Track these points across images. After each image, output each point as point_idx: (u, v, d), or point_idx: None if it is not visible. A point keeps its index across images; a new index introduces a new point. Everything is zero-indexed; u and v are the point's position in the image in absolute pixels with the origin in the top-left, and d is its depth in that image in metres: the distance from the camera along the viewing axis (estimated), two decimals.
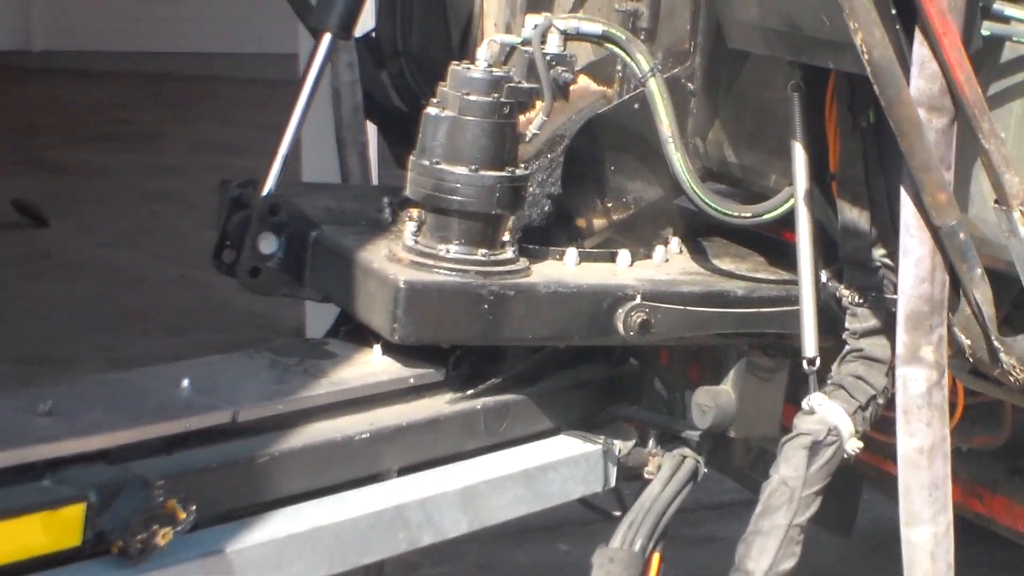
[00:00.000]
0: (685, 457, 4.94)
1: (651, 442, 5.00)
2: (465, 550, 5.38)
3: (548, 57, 4.79)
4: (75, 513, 3.81)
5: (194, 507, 3.91)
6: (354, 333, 4.93)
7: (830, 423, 4.51)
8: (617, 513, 4.98)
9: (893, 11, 3.81)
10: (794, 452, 4.52)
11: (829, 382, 4.61)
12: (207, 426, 4.28)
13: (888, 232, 4.26)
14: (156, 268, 11.39)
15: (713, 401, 4.91)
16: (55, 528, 3.79)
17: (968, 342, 4.19)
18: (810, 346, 4.60)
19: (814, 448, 4.50)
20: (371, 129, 5.99)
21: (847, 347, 4.63)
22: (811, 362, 4.61)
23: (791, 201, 4.62)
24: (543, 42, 4.80)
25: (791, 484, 4.48)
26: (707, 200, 4.74)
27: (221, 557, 4.07)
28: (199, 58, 19.44)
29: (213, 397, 4.39)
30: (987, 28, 3.96)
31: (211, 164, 13.28)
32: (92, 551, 3.86)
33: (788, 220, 4.66)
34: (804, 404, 4.60)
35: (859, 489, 5.10)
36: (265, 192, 4.91)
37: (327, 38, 5.05)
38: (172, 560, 3.94)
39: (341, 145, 5.81)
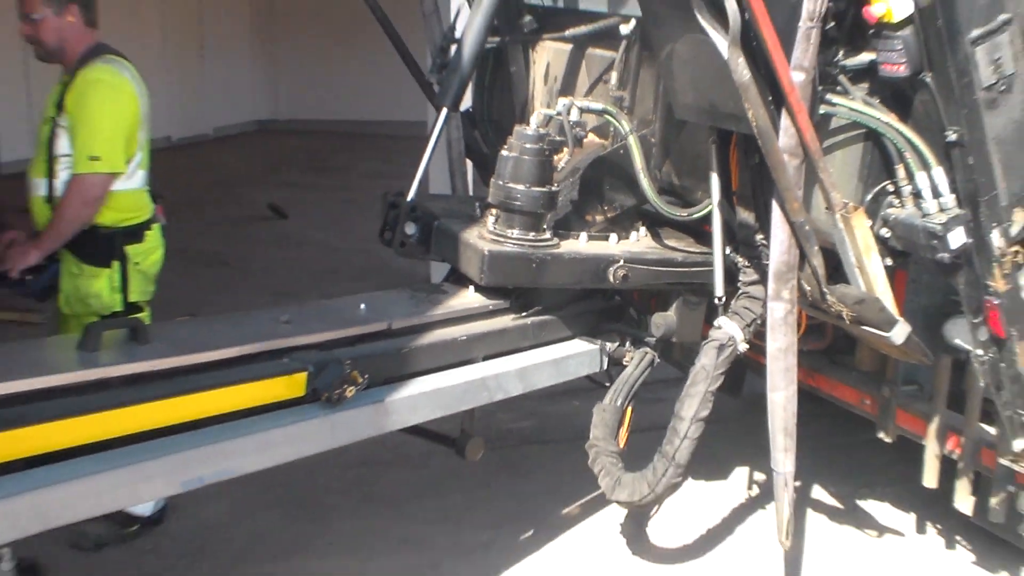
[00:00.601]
0: (647, 352, 4.94)
1: (627, 344, 5.01)
2: (519, 403, 5.36)
3: (571, 123, 4.85)
4: (301, 377, 3.87)
5: (367, 376, 3.99)
6: (458, 280, 4.96)
7: (730, 333, 4.56)
8: (607, 384, 4.99)
9: (770, 97, 3.85)
10: (709, 350, 4.57)
11: (729, 311, 4.65)
12: (374, 330, 4.36)
13: (765, 225, 4.27)
14: (345, 243, 11.36)
15: (664, 320, 4.93)
16: (290, 386, 3.86)
17: (808, 288, 4.25)
18: (719, 289, 4.66)
19: (720, 348, 4.55)
20: (468, 164, 6.01)
21: (740, 291, 4.67)
22: (719, 299, 4.67)
23: (709, 207, 4.66)
24: (568, 114, 4.86)
25: (707, 368, 4.52)
26: (661, 206, 4.79)
27: (381, 404, 4.10)
28: (371, 123, 19.34)
29: (378, 314, 4.45)
30: (823, 108, 4.02)
31: (376, 184, 13.19)
32: (311, 400, 3.90)
33: (707, 218, 4.71)
34: (715, 323, 4.65)
35: (744, 371, 5.12)
36: (409, 198, 4.94)
37: (444, 111, 5.07)
38: (354, 405, 3.98)
39: (452, 173, 5.85)
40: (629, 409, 4.86)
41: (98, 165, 4.84)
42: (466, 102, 5.56)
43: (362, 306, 4.51)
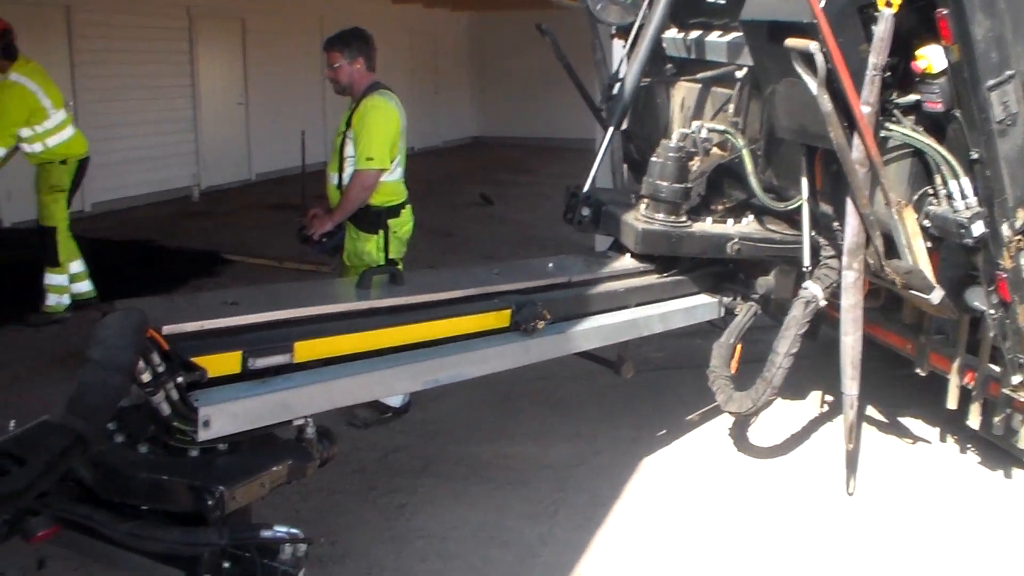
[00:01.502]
0: (752, 306, 4.92)
1: (738, 299, 5.00)
2: (658, 339, 5.39)
3: (701, 139, 4.89)
4: (506, 313, 3.98)
5: (553, 313, 4.08)
6: (619, 249, 5.01)
7: (814, 293, 4.56)
8: (722, 327, 5.01)
9: (846, 123, 3.90)
10: (798, 304, 4.58)
11: (813, 276, 4.65)
12: (559, 282, 4.44)
13: (840, 215, 4.27)
14: (536, 222, 11.42)
15: (765, 282, 4.90)
16: (499, 319, 3.97)
17: (871, 261, 4.26)
18: (806, 261, 4.66)
19: (807, 304, 4.55)
20: (624, 168, 6.03)
21: (821, 262, 4.66)
22: (806, 268, 4.67)
23: (800, 201, 4.66)
24: (699, 132, 4.90)
25: (797, 318, 4.53)
26: (766, 200, 4.79)
27: (562, 334, 4.19)
28: (554, 139, 19.42)
29: (562, 270, 4.51)
30: (883, 132, 4.07)
31: (558, 182, 13.22)
32: (512, 329, 3.99)
33: (798, 209, 4.70)
34: (803, 285, 4.67)
35: (820, 323, 5.05)
36: (584, 190, 5.03)
37: (611, 130, 5.13)
38: (543, 334, 4.06)
39: (613, 173, 5.91)
40: (739, 346, 4.87)
41: (372, 163, 5.08)
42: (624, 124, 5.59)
43: (550, 264, 4.59)
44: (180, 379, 2.77)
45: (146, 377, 2.71)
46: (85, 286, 7.60)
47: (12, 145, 7.09)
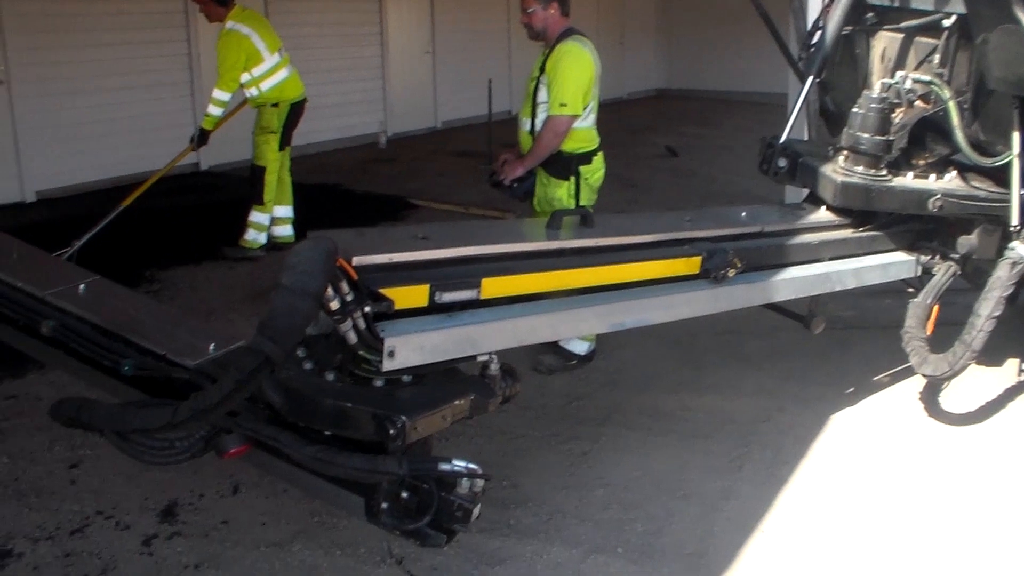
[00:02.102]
0: (951, 266, 4.78)
1: (937, 258, 4.86)
2: (846, 296, 5.26)
3: (904, 90, 4.73)
4: (696, 260, 3.94)
5: (744, 263, 4.03)
6: (814, 201, 4.92)
7: (1021, 254, 4.41)
8: (911, 289, 4.89)
9: None
10: (1004, 265, 4.44)
11: (1021, 237, 4.48)
12: (751, 231, 4.37)
13: None
14: (721, 175, 11.23)
15: (967, 242, 4.77)
16: (688, 265, 3.94)
17: None
18: (1015, 220, 4.50)
19: (1013, 265, 4.41)
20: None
21: None
22: (1015, 227, 4.51)
23: (1010, 156, 4.49)
24: (903, 83, 4.74)
25: (1002, 279, 4.41)
26: (972, 155, 4.63)
27: (752, 284, 4.16)
28: (738, 92, 19.03)
29: (754, 220, 4.43)
30: None
31: (743, 136, 13.00)
32: (702, 277, 3.96)
33: (1007, 166, 4.53)
34: (1008, 246, 4.51)
35: (1021, 287, 4.81)
36: (781, 141, 4.95)
37: (810, 80, 5.03)
38: (732, 283, 4.02)
39: (808, 124, 5.78)
40: (936, 307, 4.73)
41: (565, 109, 5.11)
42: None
43: (743, 213, 4.53)
44: (367, 309, 2.84)
45: (334, 305, 2.78)
46: (287, 231, 7.91)
47: (234, 90, 7.51)
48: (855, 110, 4.72)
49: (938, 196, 4.65)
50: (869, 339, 6.02)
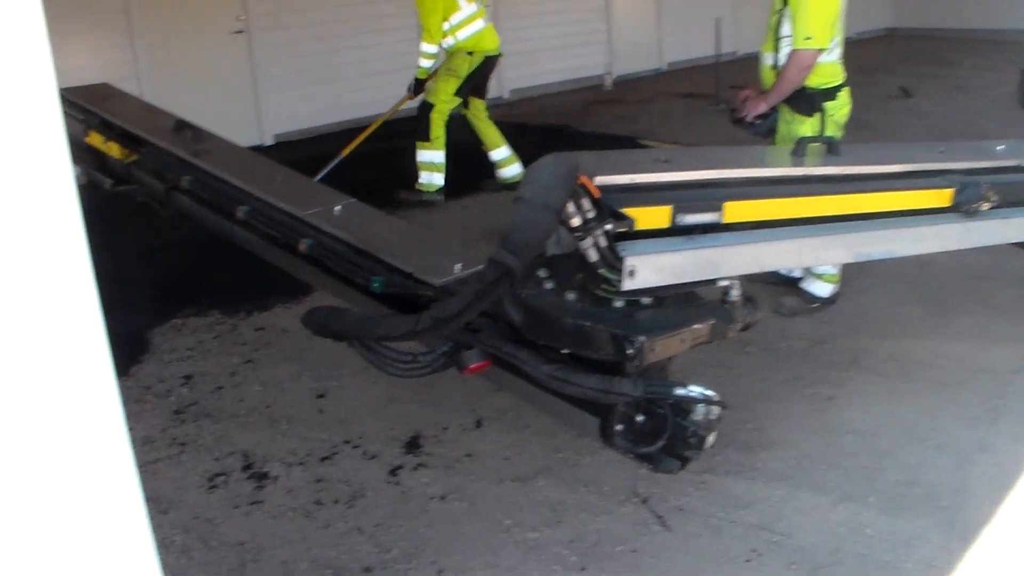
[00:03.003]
0: None
1: None
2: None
3: None
4: (948, 192, 3.78)
5: (998, 197, 3.82)
6: None
7: None
8: None
9: None
10: None
11: None
12: (1008, 165, 4.15)
13: None
14: (958, 116, 10.46)
15: None
16: (939, 198, 3.79)
17: None
18: None
19: None
20: None
21: None
22: None
23: None
24: None
25: None
26: None
27: (1009, 221, 3.98)
28: (979, 31, 17.88)
29: (1014, 154, 4.21)
30: None
31: (981, 76, 12.27)
32: (952, 210, 3.79)
33: None
34: None
35: None
36: None
37: None
38: (986, 218, 3.85)
39: None
40: None
41: (810, 43, 4.93)
42: None
43: (1000, 147, 4.29)
44: (608, 227, 2.82)
45: (575, 222, 2.79)
46: (514, 170, 7.99)
47: (440, 40, 7.66)
48: None
49: None
50: None
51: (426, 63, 7.76)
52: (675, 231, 3.05)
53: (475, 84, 7.87)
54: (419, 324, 2.92)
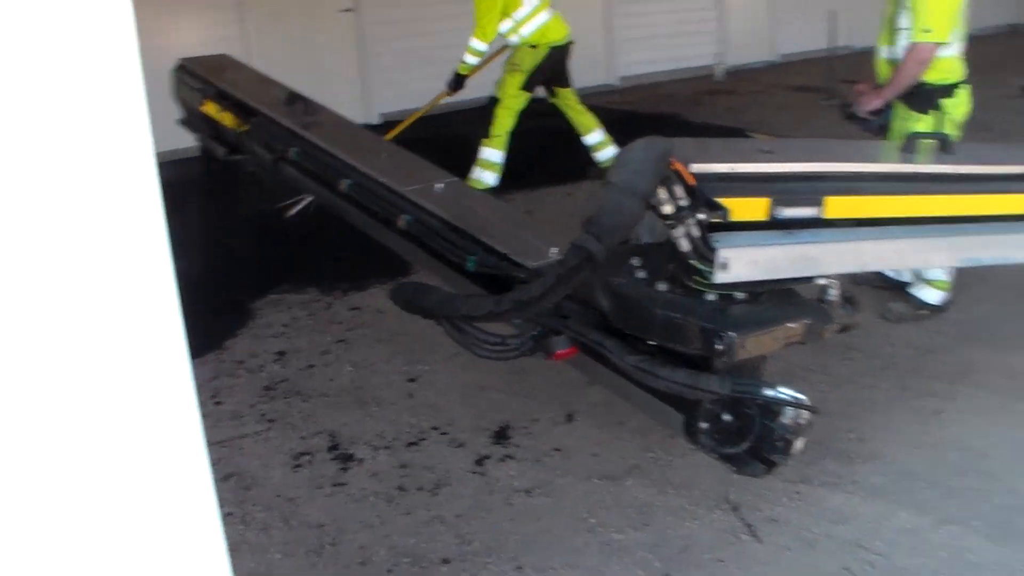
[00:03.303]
0: None
1: None
2: None
3: None
4: None
5: None
6: None
7: None
8: None
9: None
10: None
11: None
12: None
13: None
14: None
15: None
16: None
17: None
18: None
19: None
20: None
21: None
22: None
23: None
24: None
25: None
26: None
27: None
28: None
29: None
30: None
31: None
32: None
33: None
34: None
35: None
36: None
37: None
38: None
39: None
40: None
41: (929, 36, 4.71)
42: None
43: None
44: (702, 216, 2.71)
45: (667, 209, 2.70)
46: (609, 152, 7.82)
47: (492, 39, 7.48)
48: None
49: None
50: None
51: (471, 59, 7.56)
52: (773, 225, 2.89)
53: (549, 75, 7.69)
54: (500, 306, 2.89)
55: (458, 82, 7.76)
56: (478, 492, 3.69)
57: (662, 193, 2.66)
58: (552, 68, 7.66)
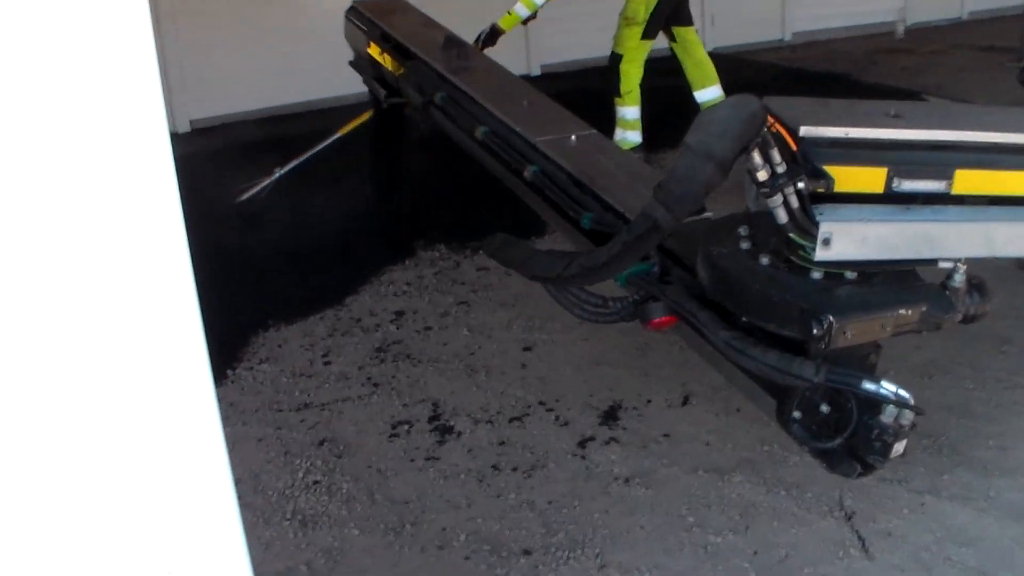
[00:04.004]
0: None
1: None
2: None
3: None
4: None
5: None
6: None
7: None
8: None
9: None
10: None
11: None
12: None
13: None
14: None
15: None
16: None
17: None
18: None
19: None
20: None
21: None
22: None
23: None
24: None
25: None
26: None
27: None
28: None
29: None
30: None
31: None
32: None
33: None
34: None
35: None
36: None
37: None
38: None
39: None
40: None
41: None
42: None
43: None
44: (801, 185, 2.44)
45: (762, 176, 2.44)
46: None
47: None
48: None
49: None
50: None
51: (522, 11, 6.46)
52: (890, 198, 2.58)
53: (668, 16, 6.92)
54: (567, 270, 2.75)
55: (491, 36, 6.43)
56: (575, 477, 3.47)
57: (756, 157, 2.42)
58: (669, 7, 6.90)
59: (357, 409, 3.97)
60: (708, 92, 7.09)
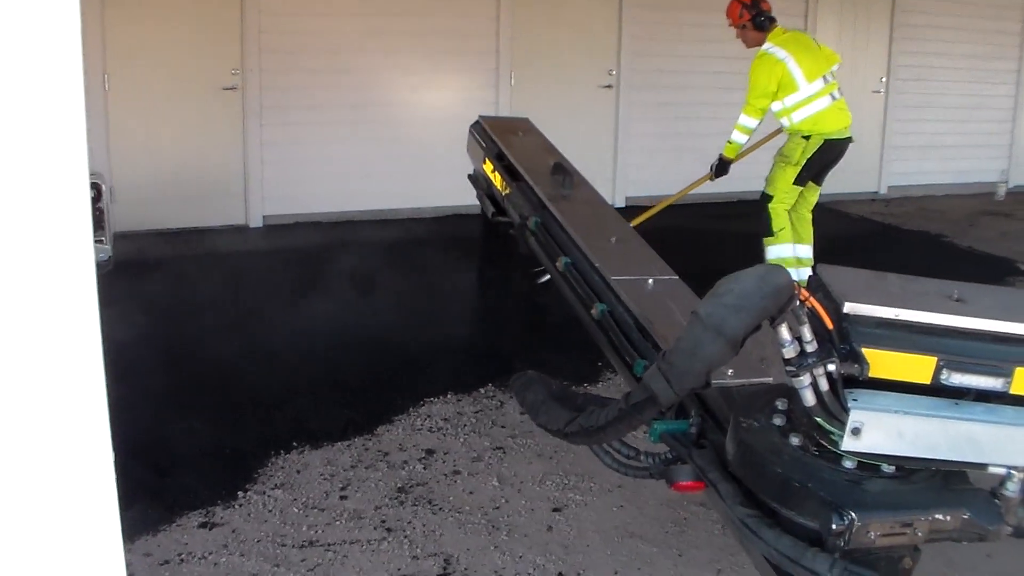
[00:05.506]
0: None
1: None
2: None
3: None
4: None
5: None
6: None
7: None
8: None
9: None
10: None
11: None
12: None
13: None
14: None
15: None
16: None
17: None
18: None
19: None
20: None
21: None
22: None
23: None
24: None
25: None
26: None
27: None
28: None
29: None
30: None
31: None
32: None
33: None
34: None
35: None
36: None
37: None
38: None
39: None
40: None
41: None
42: None
43: None
44: (832, 367, 2.26)
45: (789, 353, 2.27)
46: (803, 274, 6.87)
47: (761, 117, 6.82)
48: None
49: None
50: None
51: (739, 138, 6.85)
52: (937, 391, 2.32)
53: (818, 169, 6.83)
54: (568, 427, 2.70)
55: (723, 167, 7.05)
56: None
57: (784, 333, 2.24)
58: (824, 161, 6.83)
59: (364, 555, 3.63)
60: (803, 249, 7.02)
